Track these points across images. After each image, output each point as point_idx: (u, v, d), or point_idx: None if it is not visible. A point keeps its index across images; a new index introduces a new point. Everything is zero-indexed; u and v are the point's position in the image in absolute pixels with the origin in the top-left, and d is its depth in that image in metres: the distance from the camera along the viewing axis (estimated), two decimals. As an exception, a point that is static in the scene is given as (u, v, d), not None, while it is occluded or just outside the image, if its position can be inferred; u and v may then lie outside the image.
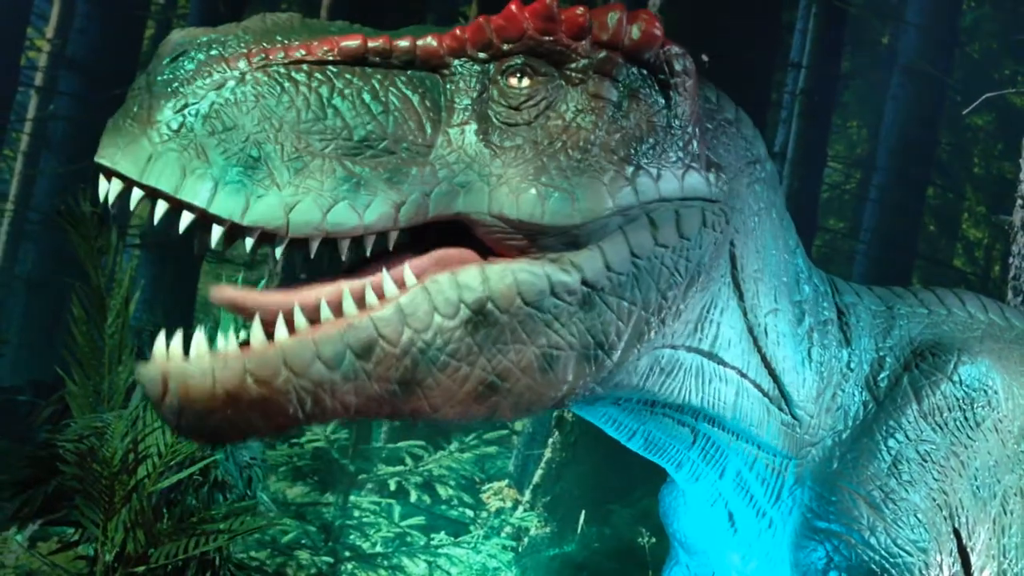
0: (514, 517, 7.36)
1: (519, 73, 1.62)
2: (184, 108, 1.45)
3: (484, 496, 7.56)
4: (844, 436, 2.14)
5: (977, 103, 6.95)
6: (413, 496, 6.24)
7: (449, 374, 1.56)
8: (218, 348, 1.48)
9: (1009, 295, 4.70)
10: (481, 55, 1.62)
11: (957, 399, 2.15)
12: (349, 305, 1.52)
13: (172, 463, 3.21)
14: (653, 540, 5.57)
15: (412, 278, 1.56)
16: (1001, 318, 2.38)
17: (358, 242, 1.52)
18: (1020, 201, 4.85)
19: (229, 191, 1.43)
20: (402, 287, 1.56)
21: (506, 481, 8.02)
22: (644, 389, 1.85)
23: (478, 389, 1.59)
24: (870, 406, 2.16)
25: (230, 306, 1.59)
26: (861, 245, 15.03)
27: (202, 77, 1.47)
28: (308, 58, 1.52)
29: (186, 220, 1.46)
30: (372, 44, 1.56)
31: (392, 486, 6.19)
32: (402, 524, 6.04)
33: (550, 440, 7.98)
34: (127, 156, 1.44)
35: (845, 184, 19.40)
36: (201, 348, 1.46)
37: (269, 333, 1.49)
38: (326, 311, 1.52)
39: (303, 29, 1.59)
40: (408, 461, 6.05)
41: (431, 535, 6.05)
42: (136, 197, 1.47)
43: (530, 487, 7.88)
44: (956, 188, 18.84)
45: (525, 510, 7.58)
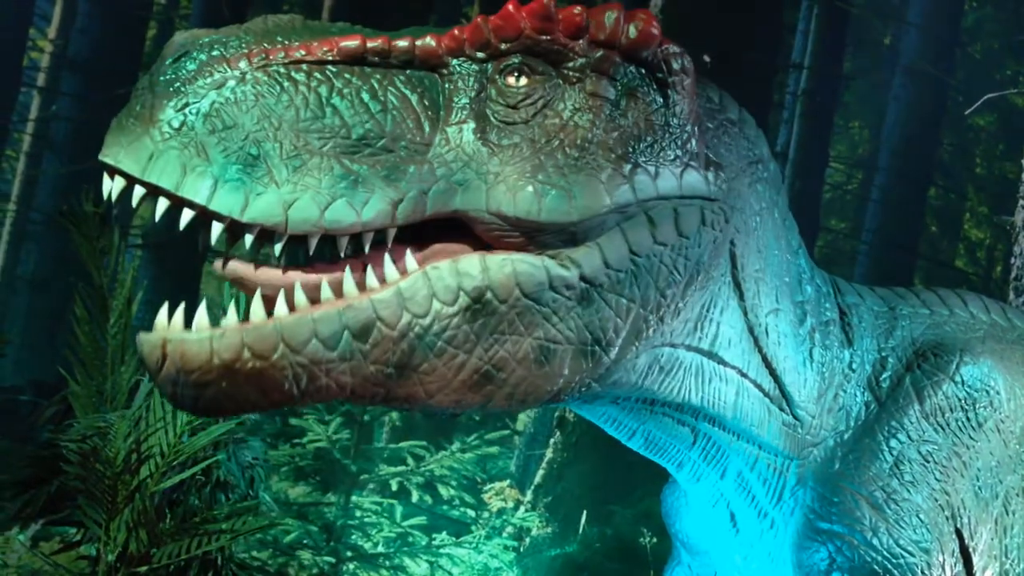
0: (516, 517, 7.36)
1: (517, 72, 1.63)
2: (185, 107, 1.47)
3: (486, 496, 7.55)
4: (846, 437, 2.14)
5: (979, 104, 6.95)
6: (415, 496, 6.24)
7: (445, 361, 1.58)
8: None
9: (1011, 295, 4.70)
10: (479, 54, 1.63)
11: (959, 399, 2.15)
12: (350, 286, 1.54)
13: (175, 463, 3.21)
14: (655, 540, 5.57)
15: (414, 264, 1.58)
16: (1003, 318, 2.38)
17: (356, 239, 1.54)
18: (1022, 201, 4.85)
19: (229, 188, 1.45)
20: (403, 273, 1.57)
21: (508, 481, 8.01)
22: (643, 388, 1.85)
23: (473, 378, 1.60)
24: (872, 407, 2.16)
25: (233, 280, 1.61)
26: (863, 245, 15.03)
27: (203, 77, 1.49)
28: (308, 58, 1.54)
29: (186, 217, 1.48)
30: (371, 44, 1.57)
31: (394, 486, 6.19)
32: (404, 524, 6.03)
33: (552, 440, 7.98)
34: (129, 154, 1.46)
35: (847, 184, 19.39)
36: (202, 320, 1.49)
37: (269, 310, 1.51)
38: (326, 291, 1.53)
39: (304, 30, 1.61)
40: (410, 461, 6.05)
41: (433, 535, 6.05)
42: (138, 194, 1.49)
43: (532, 487, 7.88)
44: (958, 189, 18.83)
45: (527, 510, 7.58)
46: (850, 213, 19.42)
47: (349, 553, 5.55)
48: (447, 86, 1.62)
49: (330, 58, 1.54)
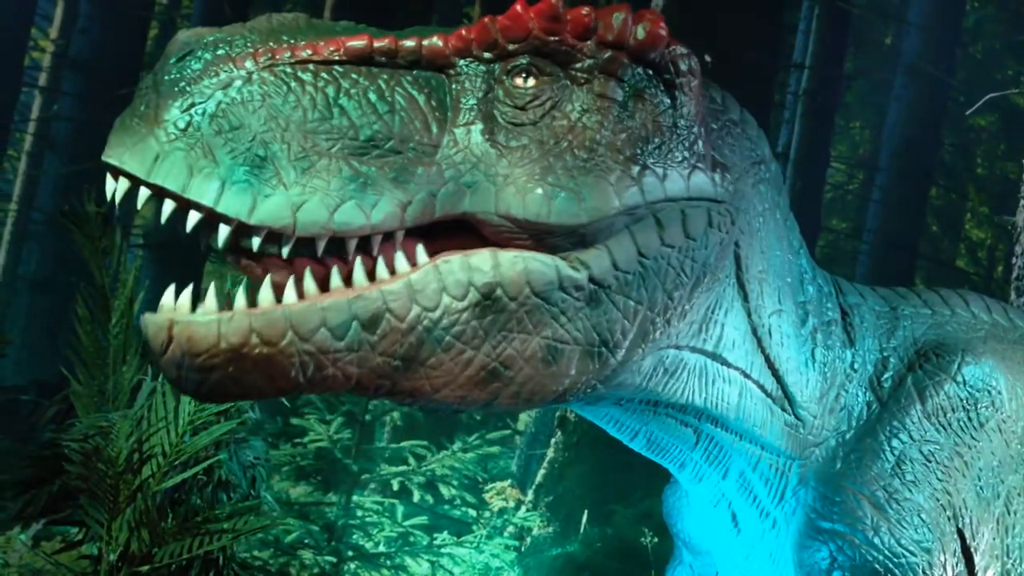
0: (517, 517, 7.36)
1: (524, 73, 1.62)
2: (191, 107, 1.45)
3: (487, 496, 7.55)
4: (848, 436, 2.14)
5: (980, 104, 6.94)
6: (416, 496, 6.24)
7: (453, 356, 1.57)
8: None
9: (1012, 295, 4.69)
10: (486, 55, 1.61)
11: (961, 399, 2.15)
12: (360, 276, 1.53)
13: (176, 463, 3.21)
14: (656, 540, 5.57)
15: (424, 256, 1.57)
16: (1005, 318, 2.38)
17: (365, 240, 1.52)
18: (1023, 201, 4.84)
19: (236, 190, 1.43)
20: (414, 265, 1.56)
21: (509, 481, 8.02)
22: (647, 389, 1.85)
23: (480, 374, 1.59)
24: (874, 406, 2.16)
25: (241, 266, 1.59)
26: (864, 245, 15.02)
27: (209, 77, 1.47)
28: (314, 58, 1.52)
29: (193, 219, 1.45)
30: (378, 44, 1.56)
31: (395, 486, 6.19)
32: (405, 524, 6.03)
33: (553, 440, 7.98)
34: (134, 155, 1.44)
35: (848, 184, 19.39)
36: (209, 303, 1.47)
37: (278, 296, 1.50)
38: (336, 279, 1.52)
39: (309, 29, 1.59)
40: (411, 461, 6.05)
41: (434, 535, 6.05)
42: (143, 196, 1.47)
43: (533, 487, 7.88)
44: (959, 188, 18.83)
45: (528, 510, 7.57)
46: (851, 213, 19.42)
47: (350, 553, 5.55)
48: (454, 87, 1.61)
49: (337, 58, 1.53)
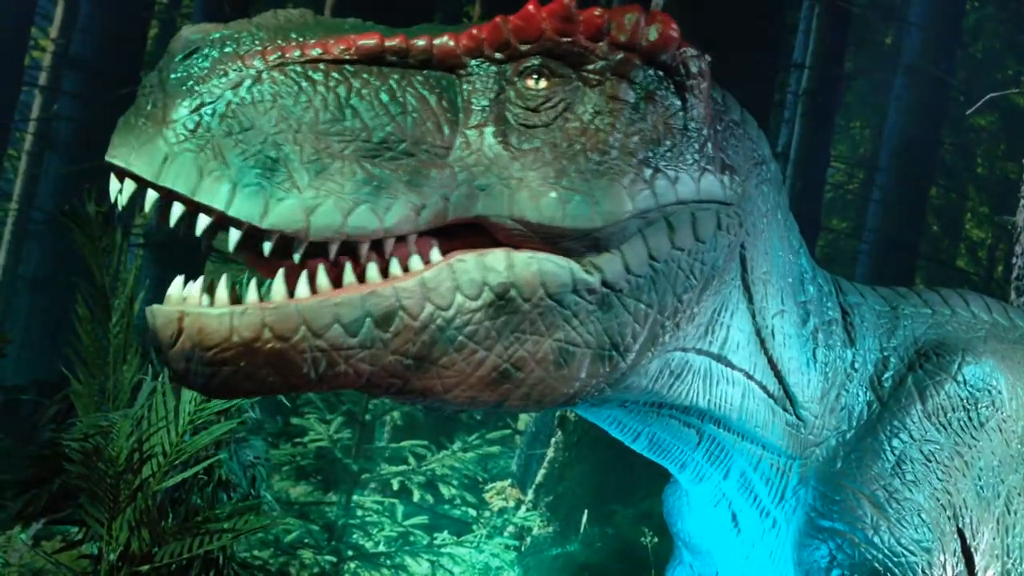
0: (517, 517, 7.36)
1: (536, 74, 1.60)
2: (200, 107, 1.42)
3: (487, 495, 7.55)
4: (848, 436, 2.14)
5: (980, 103, 6.94)
6: (416, 495, 6.24)
7: (465, 356, 1.55)
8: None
9: (1013, 295, 4.69)
10: (498, 55, 1.59)
11: (961, 399, 2.15)
12: (373, 272, 1.50)
13: (177, 462, 3.22)
14: (656, 540, 5.57)
15: (438, 255, 1.55)
16: (1005, 318, 2.38)
17: (378, 242, 1.50)
18: (1023, 201, 4.84)
19: (248, 193, 1.39)
20: (427, 263, 1.54)
21: (509, 481, 8.02)
22: (653, 391, 1.84)
23: (491, 375, 1.58)
24: (874, 406, 2.16)
25: (251, 261, 1.57)
26: (864, 245, 15.03)
27: (217, 75, 1.43)
28: (324, 57, 1.49)
29: (203, 223, 1.42)
30: (389, 43, 1.53)
31: (395, 485, 6.19)
32: (405, 523, 6.03)
33: (553, 440, 7.98)
34: (142, 156, 1.40)
35: (848, 184, 19.40)
36: (221, 295, 1.44)
37: (290, 290, 1.47)
38: (349, 275, 1.50)
39: (317, 26, 1.56)
40: (411, 460, 6.05)
41: (434, 534, 6.05)
42: (151, 199, 1.44)
43: (533, 487, 7.88)
44: (959, 188, 18.83)
45: (528, 510, 7.57)
46: (851, 213, 19.42)
47: (350, 552, 5.55)
48: (465, 87, 1.59)
49: (347, 57, 1.50)
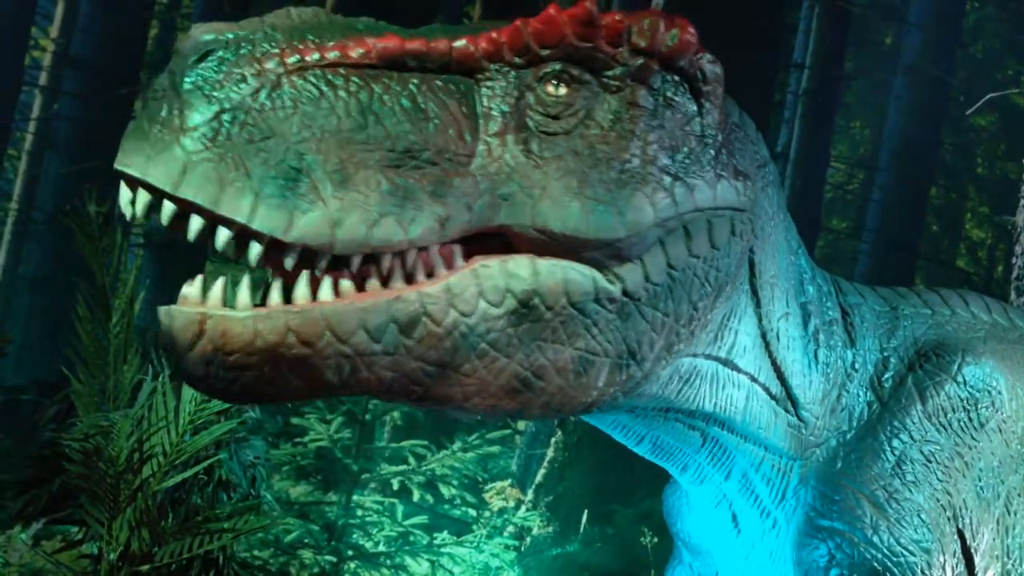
0: (517, 517, 7.36)
1: (556, 80, 1.56)
2: (219, 114, 1.35)
3: (487, 495, 7.55)
4: (849, 436, 2.14)
5: (980, 103, 6.94)
6: (416, 495, 6.23)
7: (487, 364, 1.52)
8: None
9: (1012, 295, 4.70)
10: (517, 60, 1.55)
11: (961, 400, 2.15)
12: (398, 276, 1.46)
13: (177, 462, 3.22)
14: (656, 540, 5.57)
15: (461, 259, 1.51)
16: (1005, 318, 2.38)
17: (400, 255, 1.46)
18: (1023, 201, 4.84)
19: (270, 206, 1.33)
20: (450, 268, 1.50)
21: (509, 481, 8.01)
22: (662, 397, 1.84)
23: (512, 383, 1.55)
24: (874, 406, 2.16)
25: (270, 263, 1.50)
26: (864, 245, 15.03)
27: (235, 80, 1.37)
28: (344, 60, 1.43)
29: (223, 237, 1.35)
30: (409, 47, 1.48)
31: (395, 485, 6.19)
32: (405, 523, 6.03)
33: (553, 440, 7.98)
34: (158, 166, 1.33)
35: (848, 184, 19.40)
36: (243, 298, 1.38)
37: (312, 293, 1.42)
38: (373, 280, 1.45)
39: (332, 27, 1.50)
40: (411, 460, 6.05)
41: (434, 534, 6.05)
42: (168, 211, 1.36)
43: (533, 487, 7.88)
44: (959, 188, 18.84)
45: (528, 509, 7.58)
46: (851, 213, 19.43)
47: (350, 552, 5.55)
48: (483, 92, 1.54)
49: (367, 61, 1.44)
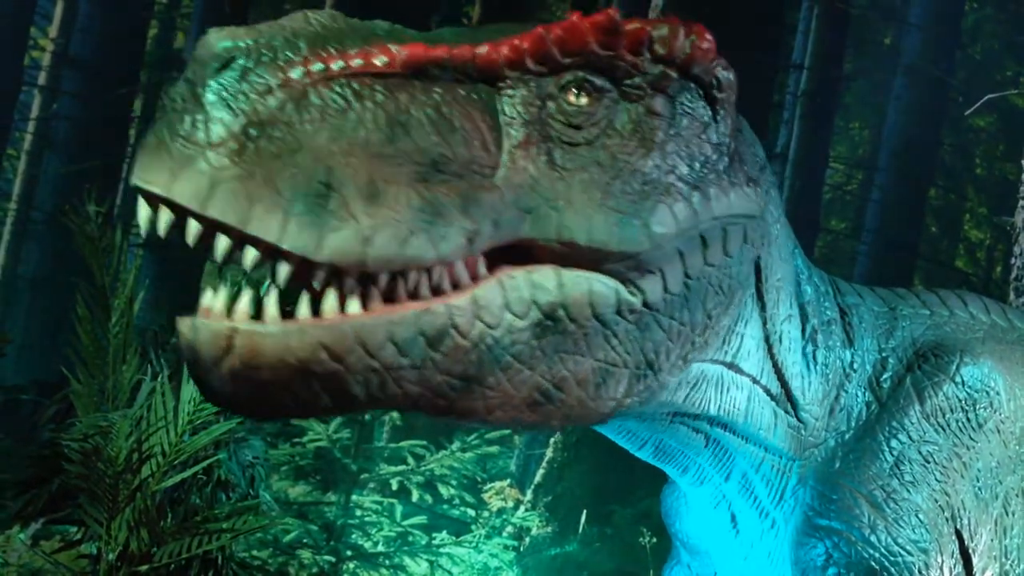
0: (516, 517, 7.36)
1: (577, 89, 1.52)
2: (246, 127, 1.28)
3: (486, 496, 7.55)
4: (847, 437, 2.14)
5: (979, 104, 6.95)
6: (415, 495, 6.23)
7: (510, 376, 1.48)
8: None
9: (1011, 296, 4.70)
10: (538, 68, 1.50)
11: (959, 400, 2.15)
12: (424, 287, 1.40)
13: (176, 462, 3.22)
14: (654, 540, 5.57)
15: (484, 268, 1.47)
16: (1003, 319, 2.39)
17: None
18: (1022, 202, 4.85)
19: (301, 224, 1.26)
20: (475, 278, 1.45)
21: (508, 481, 8.02)
22: (670, 403, 1.83)
23: (533, 396, 1.51)
24: (873, 407, 2.16)
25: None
26: (863, 246, 15.03)
27: (260, 90, 1.31)
28: (368, 69, 1.37)
29: (251, 257, 1.29)
30: (433, 54, 1.43)
31: (394, 485, 6.19)
32: (404, 523, 6.03)
33: (552, 440, 7.99)
34: (183, 183, 1.26)
35: (847, 185, 19.41)
36: (271, 310, 1.32)
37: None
38: (401, 290, 1.39)
39: (351, 32, 1.44)
40: (410, 460, 6.05)
41: (433, 534, 6.05)
42: (193, 231, 1.30)
43: (532, 487, 7.89)
44: (958, 189, 18.86)
45: (527, 510, 7.58)
46: (850, 213, 19.44)
47: (349, 552, 5.55)
48: (504, 100, 1.50)
49: (391, 70, 1.39)
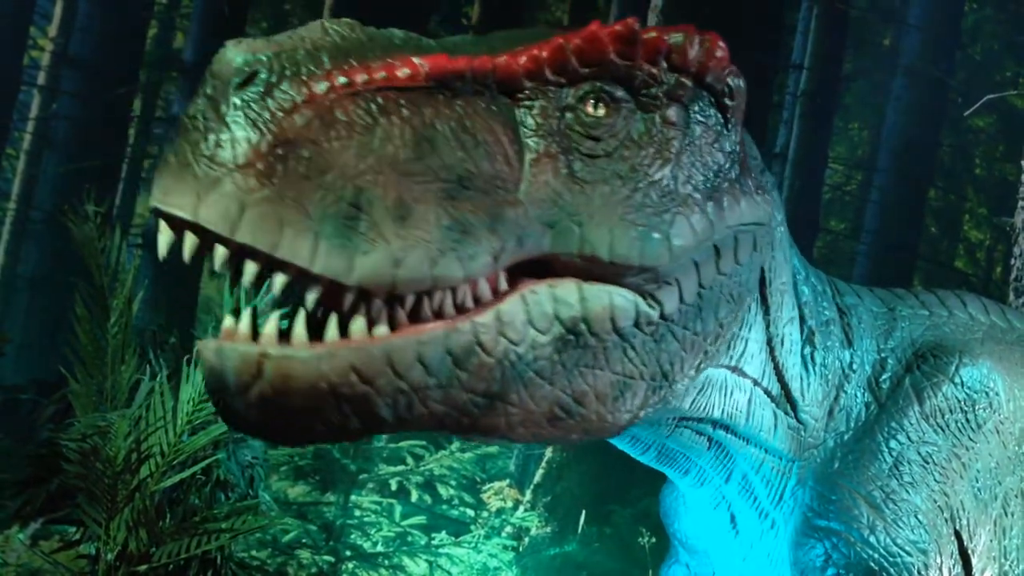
0: (515, 517, 7.36)
1: (595, 100, 1.50)
2: (273, 145, 1.24)
3: (485, 496, 7.55)
4: (846, 437, 2.14)
5: (978, 105, 6.95)
6: (414, 496, 6.23)
7: (532, 392, 1.46)
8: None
9: (1011, 296, 4.70)
10: (557, 79, 1.48)
11: (959, 401, 2.15)
12: (449, 305, 1.37)
13: (175, 462, 3.22)
14: (653, 540, 5.58)
15: (505, 283, 1.44)
16: (1002, 320, 2.38)
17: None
18: (1021, 203, 4.85)
19: (331, 248, 1.22)
20: (496, 293, 1.42)
21: (507, 481, 8.02)
22: (677, 408, 1.83)
23: (554, 411, 1.50)
24: (872, 407, 2.16)
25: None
26: (862, 246, 15.03)
27: (286, 107, 1.26)
28: (392, 83, 1.33)
29: (280, 283, 1.25)
30: (455, 66, 1.39)
31: (393, 486, 6.19)
32: (403, 524, 6.03)
33: (551, 440, 7.97)
34: (210, 206, 1.21)
35: (846, 185, 19.41)
36: (300, 334, 1.28)
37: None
38: (426, 309, 1.36)
39: (370, 42, 1.40)
40: (409, 461, 6.05)
41: (432, 535, 6.05)
42: (221, 256, 1.26)
43: (531, 487, 7.89)
44: (957, 190, 18.86)
45: (526, 510, 7.58)
46: (849, 214, 19.44)
47: (348, 552, 5.55)
48: (522, 112, 1.47)
49: (414, 83, 1.35)
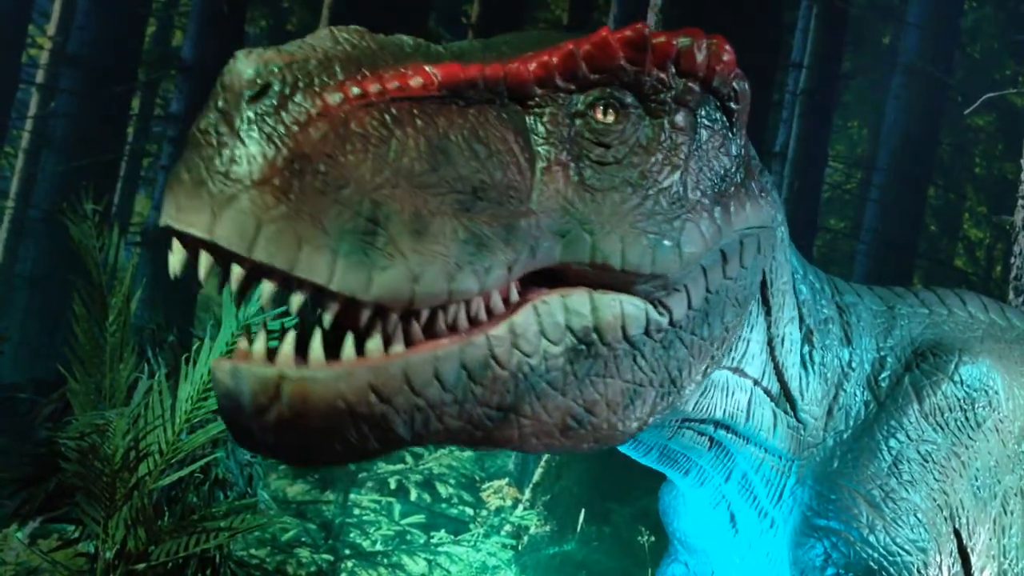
0: (514, 515, 7.36)
1: (605, 106, 1.49)
2: (290, 162, 1.21)
3: (484, 494, 7.56)
4: (845, 436, 2.13)
5: (978, 103, 6.94)
6: (413, 494, 6.23)
7: (544, 403, 1.45)
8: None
9: (1011, 295, 4.70)
10: (567, 85, 1.47)
11: (958, 399, 2.15)
12: (463, 318, 1.35)
13: (173, 461, 3.22)
14: (652, 539, 5.58)
15: (516, 293, 1.43)
16: (1002, 318, 2.38)
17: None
18: (1021, 201, 4.85)
19: (349, 265, 1.21)
20: (508, 304, 1.41)
21: (506, 479, 8.02)
22: (680, 411, 1.83)
23: (566, 421, 1.49)
24: (871, 406, 2.16)
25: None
26: (862, 245, 15.03)
27: (298, 119, 1.23)
28: (405, 93, 1.31)
29: (297, 302, 1.22)
30: (467, 75, 1.37)
31: (392, 484, 6.19)
32: (402, 522, 6.03)
33: (550, 439, 7.97)
34: (226, 224, 1.19)
35: (846, 184, 19.42)
36: (317, 354, 1.26)
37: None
38: (442, 321, 1.34)
39: (382, 51, 1.37)
40: (408, 459, 6.05)
41: (431, 533, 6.06)
42: (238, 277, 1.24)
43: (530, 485, 7.88)
44: (957, 188, 18.87)
45: (525, 508, 7.58)
46: (849, 212, 19.45)
47: (347, 551, 5.55)
48: (532, 119, 1.45)
49: (427, 93, 1.33)
